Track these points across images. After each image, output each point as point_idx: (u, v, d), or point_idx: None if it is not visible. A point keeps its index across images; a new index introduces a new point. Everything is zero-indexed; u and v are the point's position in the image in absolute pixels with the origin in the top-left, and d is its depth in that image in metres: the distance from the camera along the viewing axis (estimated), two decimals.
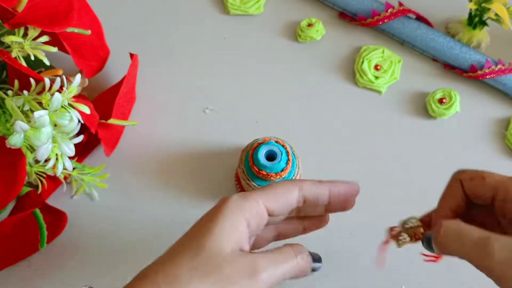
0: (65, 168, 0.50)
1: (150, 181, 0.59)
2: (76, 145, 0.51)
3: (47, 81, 0.48)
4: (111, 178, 0.58)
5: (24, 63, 0.51)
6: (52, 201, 0.57)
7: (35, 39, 0.51)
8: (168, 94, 0.63)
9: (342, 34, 0.66)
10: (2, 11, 0.50)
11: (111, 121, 0.55)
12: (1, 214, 0.56)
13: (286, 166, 0.52)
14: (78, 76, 0.50)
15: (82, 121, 0.50)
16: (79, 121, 0.49)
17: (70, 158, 0.51)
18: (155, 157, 0.60)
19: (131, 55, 0.58)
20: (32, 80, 0.49)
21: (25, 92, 0.49)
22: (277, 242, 0.46)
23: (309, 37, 0.65)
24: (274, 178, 0.52)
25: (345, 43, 0.66)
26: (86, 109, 0.49)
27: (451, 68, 0.64)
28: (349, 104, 0.63)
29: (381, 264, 0.44)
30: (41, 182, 0.55)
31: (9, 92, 0.50)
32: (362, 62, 0.63)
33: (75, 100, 0.49)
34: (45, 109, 0.46)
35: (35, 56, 0.51)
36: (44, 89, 0.48)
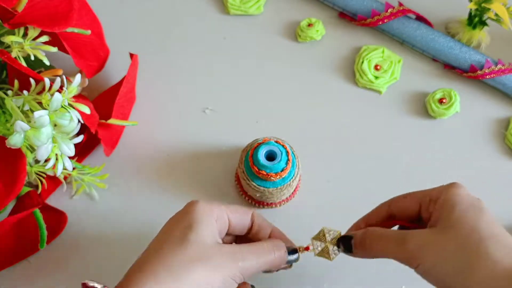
0: (65, 168, 0.50)
1: (150, 181, 0.59)
2: (76, 145, 0.51)
3: (47, 81, 0.48)
4: (111, 178, 0.58)
5: (24, 63, 0.51)
6: (52, 201, 0.57)
7: (35, 39, 0.51)
8: (168, 94, 0.63)
9: (342, 34, 0.66)
10: (2, 11, 0.50)
11: (111, 121, 0.55)
12: (1, 214, 0.56)
13: (286, 166, 0.52)
14: (78, 76, 0.50)
15: (82, 121, 0.50)
16: (79, 121, 0.50)
17: (70, 158, 0.51)
18: (155, 157, 0.60)
19: (131, 55, 0.58)
20: (32, 80, 0.49)
21: (25, 92, 0.49)
22: None
23: (309, 37, 0.65)
24: (274, 178, 0.52)
25: (345, 43, 0.66)
26: (86, 109, 0.49)
27: (451, 68, 0.64)
28: (349, 104, 0.63)
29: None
30: (41, 182, 0.55)
31: (9, 92, 0.50)
32: (362, 62, 0.63)
33: (75, 100, 0.49)
34: (45, 109, 0.46)
35: (35, 56, 0.51)
36: (44, 89, 0.48)
